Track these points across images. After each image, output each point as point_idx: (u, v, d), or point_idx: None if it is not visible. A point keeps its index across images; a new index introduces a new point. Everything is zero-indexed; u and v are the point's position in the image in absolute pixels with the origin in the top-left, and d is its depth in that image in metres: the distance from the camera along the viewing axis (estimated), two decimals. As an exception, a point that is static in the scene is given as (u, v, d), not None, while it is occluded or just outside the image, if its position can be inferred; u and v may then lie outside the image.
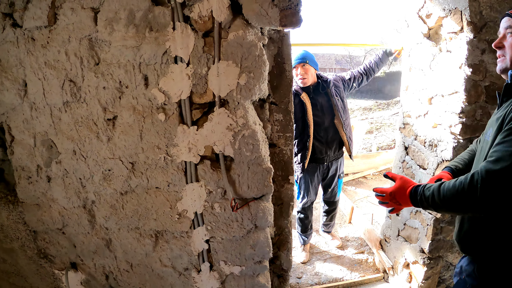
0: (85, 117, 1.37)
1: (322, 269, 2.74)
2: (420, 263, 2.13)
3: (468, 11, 1.59)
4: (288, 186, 1.74)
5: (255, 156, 1.45)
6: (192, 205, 1.50)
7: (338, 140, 2.66)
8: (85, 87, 1.33)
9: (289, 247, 1.84)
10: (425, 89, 2.04)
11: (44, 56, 1.32)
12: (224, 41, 1.29)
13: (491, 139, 1.10)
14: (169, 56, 1.28)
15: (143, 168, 1.44)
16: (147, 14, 1.23)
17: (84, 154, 1.43)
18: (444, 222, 2.01)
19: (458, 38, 1.71)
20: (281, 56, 1.52)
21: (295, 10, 1.30)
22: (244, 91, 1.36)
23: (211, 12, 1.25)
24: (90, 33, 1.27)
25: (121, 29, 1.24)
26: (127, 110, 1.35)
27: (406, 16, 2.09)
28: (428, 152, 2.06)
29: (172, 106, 1.36)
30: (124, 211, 1.51)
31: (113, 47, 1.27)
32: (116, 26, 1.24)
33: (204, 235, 1.56)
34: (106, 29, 1.25)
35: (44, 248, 1.67)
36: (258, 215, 1.54)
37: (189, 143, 1.40)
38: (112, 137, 1.39)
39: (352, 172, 4.69)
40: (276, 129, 1.63)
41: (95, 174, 1.46)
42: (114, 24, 1.24)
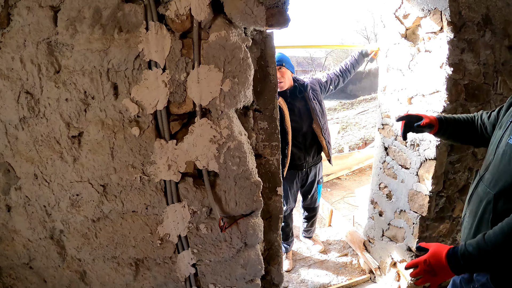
0: (45, 134, 1.15)
1: (307, 275, 2.64)
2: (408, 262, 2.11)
3: (448, 11, 1.57)
4: (276, 198, 1.62)
5: (242, 170, 1.31)
6: (175, 228, 1.32)
7: (317, 145, 2.58)
8: (45, 100, 1.11)
9: (279, 261, 1.72)
10: (405, 89, 2.01)
11: (-5, 65, 1.10)
12: (204, 42, 1.14)
13: None
14: (142, 61, 1.11)
15: (117, 191, 1.24)
16: (115, 13, 1.05)
17: (47, 178, 1.20)
18: (430, 220, 2.00)
19: (438, 38, 1.69)
20: (264, 59, 1.39)
21: (282, 8, 1.19)
22: (228, 99, 1.22)
23: (189, 10, 1.09)
24: (49, 36, 1.06)
25: (86, 30, 1.05)
26: (95, 124, 1.16)
27: (382, 17, 2.05)
28: (410, 151, 2.04)
29: (147, 118, 1.18)
30: (98, 240, 1.30)
31: (76, 52, 1.07)
32: (79, 26, 1.05)
33: (190, 259, 1.39)
34: (68, 31, 1.04)
35: (11, 285, 1.42)
36: (248, 232, 1.41)
37: (168, 160, 1.23)
38: (79, 157, 1.18)
39: (326, 174, 4.67)
40: (261, 138, 1.50)
41: (61, 200, 1.24)
42: (77, 24, 1.04)
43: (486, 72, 1.80)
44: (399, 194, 2.17)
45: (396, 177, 2.20)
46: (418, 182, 2.00)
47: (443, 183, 1.94)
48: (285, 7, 1.20)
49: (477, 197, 1.19)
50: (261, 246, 1.60)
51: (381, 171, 2.36)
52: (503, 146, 1.12)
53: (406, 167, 2.10)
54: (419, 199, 2.01)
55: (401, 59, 1.99)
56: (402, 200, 2.15)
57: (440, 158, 1.86)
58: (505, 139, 1.13)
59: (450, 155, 1.90)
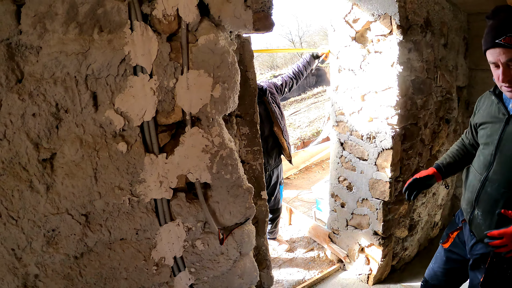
0: (8, 160, 0.92)
1: (280, 275, 2.65)
2: (376, 245, 2.27)
3: (397, 16, 1.74)
4: (261, 202, 1.59)
5: (234, 178, 1.25)
6: (170, 250, 1.19)
7: (278, 147, 2.63)
8: (5, 117, 0.88)
9: (268, 264, 1.68)
10: (357, 87, 2.17)
11: None
12: (193, 46, 1.06)
13: None
14: (127, 66, 0.97)
15: (102, 219, 1.06)
16: (95, 9, 0.89)
17: (14, 214, 0.96)
18: (391, 203, 2.19)
19: (387, 40, 1.87)
20: (243, 64, 1.36)
21: (268, 13, 1.18)
22: (219, 105, 1.16)
23: (176, 10, 1.00)
24: (10, 36, 0.85)
25: (58, 29, 0.87)
26: (71, 143, 0.97)
27: (332, 21, 2.19)
28: (367, 144, 2.20)
29: (134, 131, 1.04)
30: (84, 279, 1.09)
31: (45, 55, 0.88)
32: (49, 24, 0.86)
33: (188, 280, 1.27)
34: (35, 29, 0.85)
35: None
36: (243, 240, 1.35)
37: (159, 176, 1.11)
38: (53, 184, 0.97)
39: (275, 175, 4.78)
40: (243, 143, 1.46)
41: (34, 239, 1.00)
42: (47, 21, 0.86)
43: (428, 68, 2.06)
44: (360, 184, 2.33)
45: (355, 169, 2.35)
46: (377, 171, 2.17)
47: (400, 169, 2.15)
48: (271, 11, 1.18)
49: (488, 197, 1.31)
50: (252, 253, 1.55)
51: (339, 165, 2.50)
52: (509, 144, 1.23)
53: (364, 158, 2.26)
54: (380, 186, 2.17)
55: (353, 60, 2.14)
56: (363, 189, 2.30)
57: (395, 147, 2.05)
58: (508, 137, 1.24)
59: (403, 143, 2.11)
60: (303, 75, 2.74)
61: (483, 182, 1.34)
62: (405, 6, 1.78)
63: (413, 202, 2.43)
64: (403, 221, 2.42)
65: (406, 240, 2.55)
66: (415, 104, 2.03)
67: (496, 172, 1.29)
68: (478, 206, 1.37)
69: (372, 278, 2.43)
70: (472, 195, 1.39)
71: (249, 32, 1.16)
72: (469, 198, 1.42)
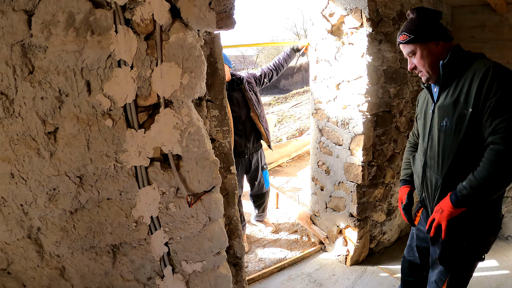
0: (21, 133, 1.31)
1: (264, 254, 3.04)
2: (352, 226, 2.62)
3: (367, 9, 2.07)
4: (231, 176, 1.95)
5: (201, 151, 1.61)
6: (148, 210, 1.57)
7: (256, 132, 3.01)
8: (20, 100, 1.28)
9: (239, 234, 2.05)
10: (333, 77, 2.50)
11: (-32, 68, 1.22)
12: (165, 43, 1.42)
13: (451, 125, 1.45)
14: (113, 60, 1.34)
15: (92, 180, 1.45)
16: (88, 17, 1.27)
17: (24, 175, 1.36)
18: (365, 187, 2.53)
19: (359, 32, 2.19)
20: (213, 56, 1.71)
21: (229, 13, 1.52)
22: (187, 90, 1.52)
23: (152, 15, 1.36)
24: (23, 39, 1.23)
25: (60, 33, 1.25)
26: (70, 120, 1.36)
27: (311, 15, 2.52)
28: (342, 130, 2.54)
29: (118, 111, 1.42)
30: (77, 231, 1.49)
31: (51, 53, 1.26)
32: (54, 29, 1.24)
33: (163, 238, 1.65)
34: (43, 33, 1.23)
35: None
36: (211, 207, 1.71)
37: (138, 147, 1.48)
38: (55, 152, 1.37)
39: (268, 163, 5.17)
40: (214, 124, 1.82)
41: (38, 196, 1.39)
42: (52, 27, 1.24)
43: (402, 58, 2.38)
44: (336, 168, 2.67)
45: (331, 154, 2.69)
46: (351, 156, 2.51)
47: (372, 154, 2.48)
48: (232, 11, 1.53)
49: (429, 182, 1.62)
50: (222, 221, 1.92)
51: (318, 150, 2.84)
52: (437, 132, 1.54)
53: (339, 144, 2.60)
54: (353, 169, 2.52)
55: (329, 51, 2.47)
56: (339, 173, 2.65)
57: (367, 132, 2.38)
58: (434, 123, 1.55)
59: (376, 129, 2.44)
60: (283, 67, 3.13)
61: (423, 168, 1.64)
62: (375, 0, 2.09)
63: (390, 187, 2.77)
64: (379, 205, 2.75)
65: (384, 224, 2.88)
66: (387, 92, 2.35)
67: (430, 157, 1.59)
68: (424, 189, 1.66)
69: (349, 259, 2.78)
70: (419, 179, 1.69)
71: (213, 29, 1.51)
72: (417, 182, 1.72)
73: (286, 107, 11.79)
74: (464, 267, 1.61)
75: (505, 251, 2.80)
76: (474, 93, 1.37)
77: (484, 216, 1.53)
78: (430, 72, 1.53)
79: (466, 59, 1.48)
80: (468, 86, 1.40)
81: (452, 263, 1.59)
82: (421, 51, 1.51)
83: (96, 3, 1.30)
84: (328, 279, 2.69)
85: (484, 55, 1.50)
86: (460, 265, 1.60)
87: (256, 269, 2.82)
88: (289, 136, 6.84)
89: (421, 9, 1.56)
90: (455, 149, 1.47)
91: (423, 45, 1.50)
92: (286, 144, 5.49)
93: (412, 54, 1.54)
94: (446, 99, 1.49)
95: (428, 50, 1.51)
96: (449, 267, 1.60)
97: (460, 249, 1.57)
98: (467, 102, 1.40)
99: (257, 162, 3.12)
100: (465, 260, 1.59)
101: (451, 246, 1.58)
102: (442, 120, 1.50)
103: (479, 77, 1.36)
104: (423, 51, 1.51)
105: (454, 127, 1.45)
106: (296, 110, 10.78)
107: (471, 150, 1.44)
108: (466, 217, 1.51)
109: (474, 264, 1.63)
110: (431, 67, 1.52)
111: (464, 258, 1.58)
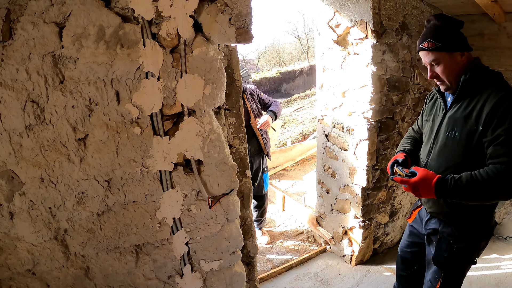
0: (51, 139, 1.37)
1: (271, 255, 3.11)
2: (357, 227, 2.69)
3: (372, 22, 2.15)
4: (246, 179, 2.03)
5: (221, 157, 1.68)
6: (171, 211, 1.64)
7: (256, 138, 3.10)
8: (51, 108, 1.34)
9: (253, 234, 2.12)
10: (338, 85, 2.58)
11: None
12: (189, 56, 1.50)
13: (460, 136, 1.47)
14: (141, 72, 1.42)
15: (120, 184, 1.52)
16: (117, 31, 1.34)
17: (54, 179, 1.42)
18: (369, 189, 2.60)
19: (364, 43, 2.28)
20: (230, 68, 1.80)
21: (247, 28, 1.60)
22: (209, 100, 1.59)
23: (177, 30, 1.44)
24: (54, 50, 1.29)
25: (91, 45, 1.32)
26: (100, 127, 1.42)
27: (318, 26, 2.60)
28: (347, 135, 2.62)
29: (146, 119, 1.49)
30: (103, 232, 1.55)
31: (82, 64, 1.33)
32: (84, 42, 1.31)
33: (184, 238, 1.72)
34: (74, 45, 1.30)
35: None
36: (229, 208, 1.78)
37: (164, 153, 1.55)
38: (85, 157, 1.43)
39: (273, 167, 5.25)
40: (231, 131, 1.90)
41: (67, 199, 1.46)
42: (83, 40, 1.30)
43: (404, 67, 2.46)
44: (342, 172, 2.75)
45: (337, 158, 2.77)
46: (356, 160, 2.59)
47: (376, 158, 2.56)
48: (250, 27, 1.61)
49: None
50: (238, 222, 1.99)
51: (324, 155, 2.92)
52: (443, 138, 1.56)
53: (345, 148, 2.68)
54: (358, 173, 2.60)
55: (335, 61, 2.56)
56: (345, 176, 2.72)
57: (371, 138, 2.46)
58: (443, 130, 1.57)
59: (380, 135, 2.52)
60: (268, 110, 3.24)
61: (424, 167, 1.68)
62: (379, 13, 2.18)
63: (393, 190, 2.84)
64: (383, 207, 2.83)
65: (387, 226, 2.96)
66: (390, 100, 2.43)
67: (433, 159, 1.65)
68: None
69: (354, 259, 2.86)
70: None
71: (233, 43, 1.59)
72: None
73: (288, 111, 11.89)
74: (456, 268, 1.65)
75: (504, 251, 2.88)
76: (485, 114, 1.39)
77: (476, 221, 1.58)
78: (453, 83, 1.51)
79: (485, 77, 1.48)
80: (481, 105, 1.42)
81: (445, 263, 1.64)
82: (446, 60, 1.47)
83: (125, 17, 1.37)
84: (334, 278, 2.75)
85: (501, 75, 1.50)
86: (452, 266, 1.64)
87: (264, 269, 2.89)
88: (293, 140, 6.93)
89: (445, 17, 1.51)
90: (459, 158, 1.51)
91: (450, 55, 1.46)
92: (290, 148, 5.59)
93: (435, 63, 1.49)
94: (458, 112, 1.51)
95: (454, 60, 1.47)
96: (441, 267, 1.65)
97: (451, 251, 1.61)
98: (478, 121, 1.42)
99: (258, 164, 3.22)
100: (456, 262, 1.63)
101: (443, 248, 1.63)
102: (451, 129, 1.53)
103: (493, 101, 1.38)
104: (449, 61, 1.47)
105: (463, 139, 1.48)
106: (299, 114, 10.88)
107: (474, 163, 1.47)
108: (458, 221, 1.57)
109: (466, 266, 1.67)
110: (454, 77, 1.49)
111: (455, 260, 1.63)
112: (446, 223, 1.63)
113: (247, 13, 1.56)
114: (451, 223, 1.61)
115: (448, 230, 1.63)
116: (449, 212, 1.60)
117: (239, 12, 1.53)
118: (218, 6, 1.49)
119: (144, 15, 1.37)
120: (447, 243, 1.62)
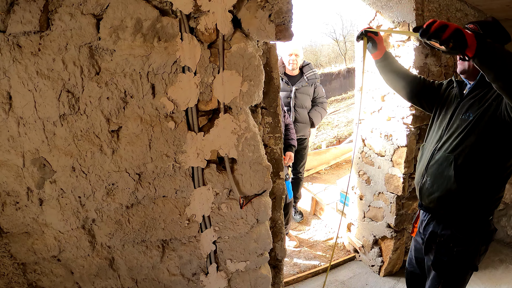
0: (85, 130, 1.32)
1: (299, 260, 2.95)
2: (388, 237, 2.47)
3: (415, 23, 1.95)
4: (279, 181, 1.89)
5: (256, 156, 1.56)
6: (200, 209, 1.55)
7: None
8: (86, 98, 1.29)
9: (282, 237, 1.98)
10: (378, 88, 2.38)
11: (36, 65, 1.24)
12: (227, 52, 1.39)
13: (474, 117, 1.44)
14: (178, 66, 1.33)
15: (151, 178, 1.45)
16: (155, 24, 1.26)
17: (85, 169, 1.37)
18: (404, 198, 2.38)
19: (406, 45, 2.07)
20: (269, 66, 1.66)
21: (288, 25, 1.47)
22: (246, 98, 1.48)
23: (215, 25, 1.34)
24: (91, 41, 1.24)
25: (128, 37, 1.25)
26: (134, 120, 1.36)
27: (358, 26, 2.41)
28: (385, 141, 2.41)
29: (180, 114, 1.40)
30: (131, 225, 1.49)
31: (118, 56, 1.27)
32: (122, 34, 1.24)
33: (212, 237, 1.62)
34: (111, 37, 1.24)
35: (35, 281, 1.53)
36: (260, 209, 1.66)
37: (197, 149, 1.46)
38: (117, 149, 1.37)
39: (306, 170, 5.03)
40: (267, 130, 1.77)
41: (97, 190, 1.41)
42: (120, 32, 1.24)
43: (447, 72, 2.22)
44: (377, 178, 2.54)
45: (373, 164, 2.56)
46: (392, 167, 2.37)
47: (414, 167, 2.33)
48: (290, 24, 1.47)
49: (436, 163, 1.54)
50: (268, 223, 1.86)
51: (359, 160, 2.72)
52: (456, 120, 1.51)
53: (382, 154, 2.46)
54: (394, 181, 2.38)
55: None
56: (380, 183, 2.51)
57: (410, 145, 2.24)
58: (457, 115, 1.51)
59: (418, 142, 2.29)
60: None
61: (432, 153, 1.58)
62: (422, 14, 1.97)
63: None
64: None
65: (420, 237, 2.70)
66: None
67: (445, 142, 1.54)
68: (427, 173, 1.58)
69: (383, 269, 2.64)
70: (423, 165, 1.62)
71: (272, 41, 1.47)
72: (420, 169, 1.65)
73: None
74: (457, 274, 1.57)
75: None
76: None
77: (475, 225, 1.51)
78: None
79: None
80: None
81: (444, 269, 1.56)
82: None
83: (163, 11, 1.29)
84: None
85: None
86: (452, 272, 1.56)
87: (290, 273, 2.74)
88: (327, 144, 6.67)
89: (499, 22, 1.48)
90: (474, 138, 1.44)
91: None
92: (325, 151, 5.35)
93: None
94: (475, 97, 1.48)
95: None
96: (441, 273, 1.57)
97: (451, 255, 1.53)
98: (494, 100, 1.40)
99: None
100: (456, 267, 1.55)
101: (442, 252, 1.55)
102: (465, 112, 1.49)
103: None
104: None
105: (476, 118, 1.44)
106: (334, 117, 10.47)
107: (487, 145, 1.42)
108: (457, 225, 1.51)
109: (467, 272, 1.58)
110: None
111: (455, 265, 1.54)
112: (445, 225, 1.55)
113: (288, 10, 1.43)
114: (450, 225, 1.54)
115: (447, 232, 1.55)
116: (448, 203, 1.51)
117: (279, 9, 1.40)
118: (258, 2, 1.37)
119: (182, 8, 1.28)
120: (447, 247, 1.54)
